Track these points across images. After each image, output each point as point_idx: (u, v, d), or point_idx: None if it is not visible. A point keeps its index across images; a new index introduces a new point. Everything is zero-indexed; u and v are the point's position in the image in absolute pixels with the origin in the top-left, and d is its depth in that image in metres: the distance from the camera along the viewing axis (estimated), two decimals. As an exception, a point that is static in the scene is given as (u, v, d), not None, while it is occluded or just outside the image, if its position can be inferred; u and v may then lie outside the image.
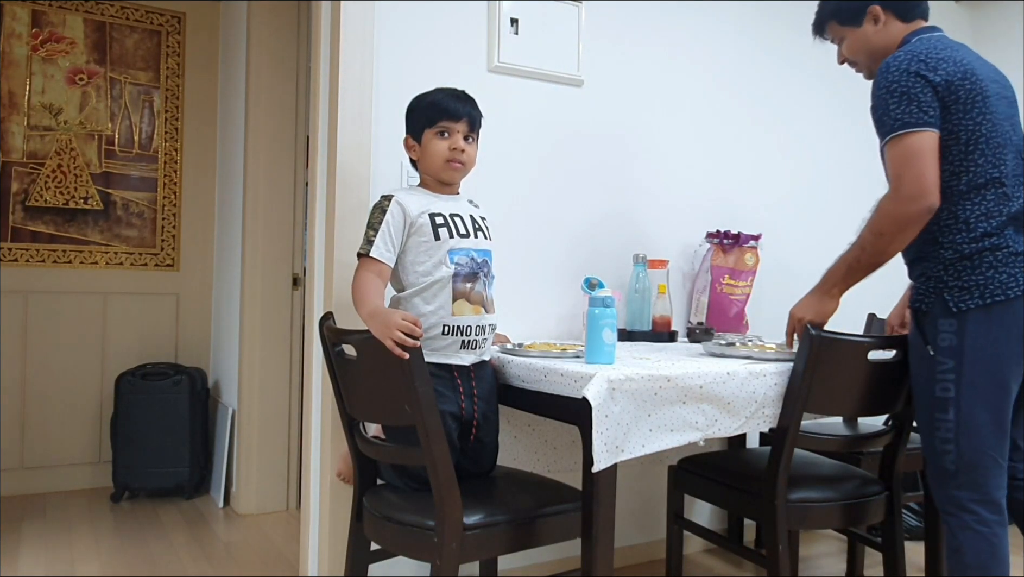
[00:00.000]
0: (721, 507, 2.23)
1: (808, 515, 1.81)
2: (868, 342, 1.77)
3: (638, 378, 1.54)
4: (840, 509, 1.83)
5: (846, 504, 1.84)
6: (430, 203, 1.73)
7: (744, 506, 1.91)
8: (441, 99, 1.75)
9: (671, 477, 2.14)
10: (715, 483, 1.98)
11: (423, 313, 1.66)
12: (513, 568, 2.23)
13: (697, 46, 2.74)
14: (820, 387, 1.71)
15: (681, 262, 2.69)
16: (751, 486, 1.84)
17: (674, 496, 2.15)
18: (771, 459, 1.75)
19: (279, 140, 3.10)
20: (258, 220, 3.07)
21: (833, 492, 1.85)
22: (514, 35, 2.33)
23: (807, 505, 1.81)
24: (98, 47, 3.48)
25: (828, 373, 1.71)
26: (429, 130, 1.74)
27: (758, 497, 1.79)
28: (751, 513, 1.91)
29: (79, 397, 3.42)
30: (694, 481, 2.07)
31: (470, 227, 1.74)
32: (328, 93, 2.14)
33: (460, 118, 1.74)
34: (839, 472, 1.98)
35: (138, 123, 3.56)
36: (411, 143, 1.79)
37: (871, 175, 3.22)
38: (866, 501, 1.87)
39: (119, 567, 2.49)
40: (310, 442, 2.23)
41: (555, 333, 2.42)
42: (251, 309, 3.07)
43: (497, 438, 1.82)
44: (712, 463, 2.06)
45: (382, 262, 1.66)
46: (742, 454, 2.20)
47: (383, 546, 1.71)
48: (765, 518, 1.77)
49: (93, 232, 3.48)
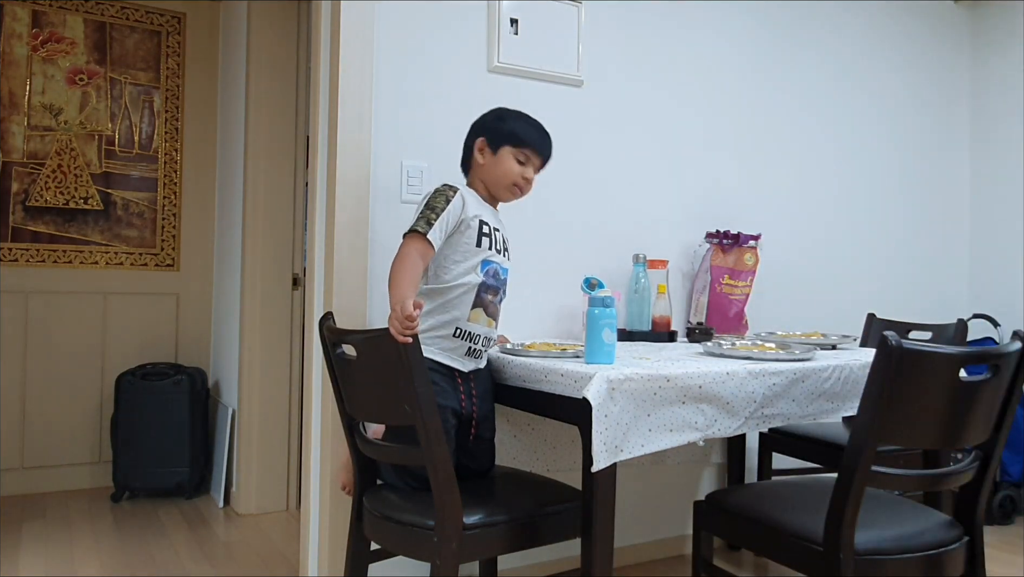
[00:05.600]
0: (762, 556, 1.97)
1: (880, 571, 1.47)
2: (960, 355, 1.43)
3: (638, 378, 1.55)
4: (919, 562, 1.49)
5: (926, 556, 1.49)
6: (482, 210, 1.78)
7: (796, 557, 1.53)
8: (535, 128, 1.83)
9: (696, 515, 1.79)
10: (755, 525, 1.63)
11: (440, 312, 1.69)
12: (513, 568, 2.23)
13: (697, 46, 2.74)
14: (900, 412, 1.41)
15: (681, 262, 2.69)
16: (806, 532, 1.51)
17: (701, 539, 1.81)
18: (834, 503, 1.44)
19: (279, 140, 3.10)
20: (258, 220, 3.08)
21: (909, 540, 1.51)
22: (514, 35, 2.33)
23: (879, 559, 1.46)
24: (98, 47, 3.48)
25: (910, 395, 1.41)
26: (511, 148, 1.80)
27: (813, 547, 1.48)
28: (805, 567, 1.51)
29: (79, 397, 3.43)
30: (727, 521, 1.72)
31: (503, 245, 1.81)
32: (328, 93, 2.15)
33: (543, 155, 1.84)
34: (911, 513, 1.65)
35: (138, 123, 3.56)
36: (484, 147, 1.82)
37: (867, 177, 3.23)
38: (948, 551, 1.53)
39: (119, 567, 2.49)
40: (310, 442, 2.23)
41: (555, 333, 2.42)
42: (251, 309, 3.07)
43: (494, 437, 1.83)
44: (749, 500, 1.71)
45: (432, 245, 1.65)
46: (785, 488, 1.82)
47: (383, 546, 1.72)
48: (826, 575, 1.45)
49: (93, 232, 3.48)
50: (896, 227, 3.31)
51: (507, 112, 1.86)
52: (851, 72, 3.18)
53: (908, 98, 3.35)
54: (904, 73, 3.33)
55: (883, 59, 3.26)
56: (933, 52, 3.43)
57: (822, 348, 2.16)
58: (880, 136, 3.26)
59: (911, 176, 3.36)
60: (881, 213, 3.26)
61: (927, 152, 3.43)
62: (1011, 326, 3.30)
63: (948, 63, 3.48)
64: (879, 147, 3.26)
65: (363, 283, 2.08)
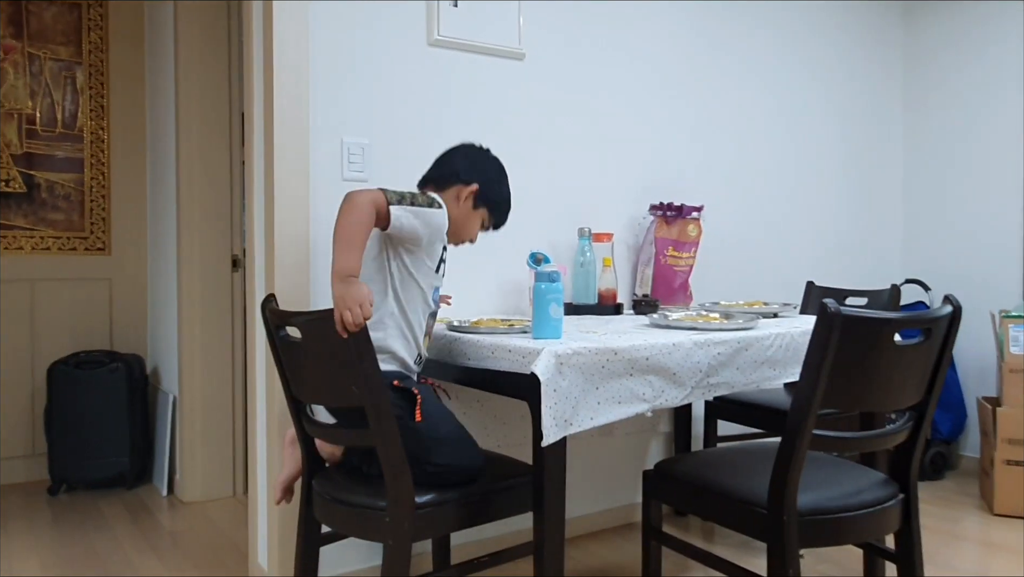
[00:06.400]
0: (709, 521, 2.01)
1: (822, 529, 1.51)
2: (896, 320, 1.47)
3: (585, 352, 1.55)
4: (858, 520, 1.53)
5: (864, 513, 1.54)
6: (445, 240, 1.76)
7: (742, 521, 1.56)
8: (508, 210, 1.90)
9: (645, 484, 1.81)
10: (702, 492, 1.65)
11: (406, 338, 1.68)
12: (466, 543, 2.24)
13: (639, 19, 2.74)
14: (840, 377, 1.43)
15: (626, 235, 2.71)
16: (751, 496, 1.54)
17: (649, 507, 1.81)
18: (777, 467, 1.47)
19: (212, 117, 2.99)
20: (193, 200, 2.97)
21: (848, 500, 1.54)
22: (454, 8, 2.29)
23: (821, 519, 1.50)
24: (13, 21, 3.30)
25: (849, 360, 1.43)
26: (486, 212, 1.85)
27: (757, 510, 1.51)
28: (751, 530, 1.55)
29: (9, 388, 3.29)
30: (674, 489, 1.75)
31: (444, 274, 1.80)
32: (263, 68, 2.07)
33: (500, 227, 1.91)
34: (849, 473, 1.69)
35: (60, 101, 3.40)
36: (471, 196, 1.80)
37: (805, 148, 3.30)
38: (885, 508, 1.57)
39: (60, 563, 2.42)
40: (255, 426, 2.19)
41: (502, 309, 2.41)
42: (189, 293, 2.98)
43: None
44: (695, 468, 1.74)
45: (390, 220, 1.58)
46: (730, 455, 1.87)
47: (334, 528, 1.70)
48: (771, 537, 1.48)
49: (16, 216, 3.32)
50: (833, 197, 3.40)
51: (505, 183, 1.88)
52: (790, 45, 3.22)
53: (844, 70, 3.42)
54: (840, 46, 3.39)
55: (821, 32, 3.31)
56: (868, 24, 3.50)
57: (764, 317, 2.21)
58: (817, 108, 3.32)
59: (847, 147, 3.45)
60: (818, 183, 3.34)
61: (862, 123, 3.51)
62: (941, 290, 3.43)
63: (883, 36, 3.56)
64: (816, 119, 3.33)
65: (305, 263, 2.04)
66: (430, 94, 2.29)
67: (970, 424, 3.36)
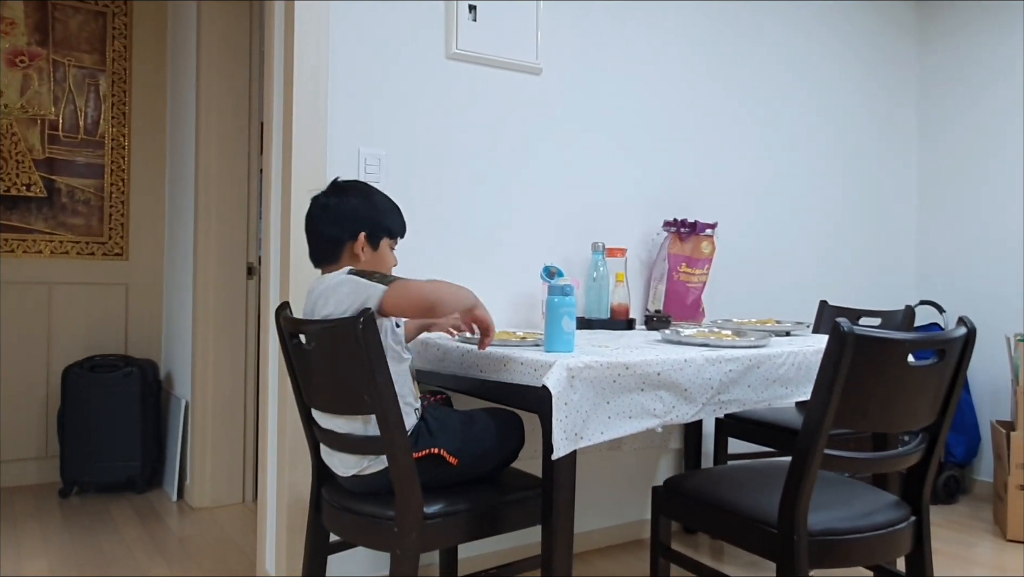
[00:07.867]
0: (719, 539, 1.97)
1: (833, 551, 1.49)
2: (910, 341, 1.46)
3: (597, 366, 1.55)
4: (869, 541, 1.52)
5: (875, 535, 1.52)
6: None
7: (752, 540, 1.55)
8: (399, 213, 1.76)
9: (654, 501, 1.80)
10: (711, 509, 1.65)
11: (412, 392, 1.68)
12: (474, 556, 2.24)
13: (655, 34, 2.75)
14: (852, 397, 1.42)
15: (639, 250, 2.71)
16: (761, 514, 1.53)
17: (658, 524, 1.81)
18: (788, 486, 1.46)
19: (232, 125, 3.03)
20: (211, 208, 3.00)
21: (859, 521, 1.54)
22: (472, 22, 2.31)
23: (832, 540, 1.49)
24: (40, 28, 3.35)
25: (862, 380, 1.42)
26: (388, 240, 1.73)
27: (767, 529, 1.50)
28: (761, 549, 1.54)
29: (24, 390, 3.32)
30: (684, 506, 1.74)
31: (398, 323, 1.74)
32: (283, 79, 2.10)
33: (403, 233, 1.78)
34: (861, 494, 1.68)
35: (83, 107, 3.45)
36: (365, 245, 1.68)
37: (819, 167, 3.30)
38: (896, 530, 1.56)
39: (69, 565, 2.43)
40: (266, 433, 2.20)
41: (514, 322, 2.42)
42: (204, 299, 3.01)
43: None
44: (705, 485, 1.73)
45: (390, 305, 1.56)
46: (740, 472, 1.84)
47: (342, 537, 1.70)
48: (781, 557, 1.47)
49: (37, 220, 3.36)
50: (847, 216, 3.39)
51: (376, 200, 1.73)
52: (804, 65, 3.23)
53: (858, 91, 3.42)
54: (855, 66, 3.39)
55: (836, 53, 3.32)
56: (882, 46, 3.50)
57: (776, 335, 2.20)
58: (832, 127, 3.32)
59: (862, 166, 3.44)
60: (832, 202, 3.33)
61: (877, 143, 3.51)
62: (956, 312, 3.41)
63: (897, 56, 3.56)
64: (831, 139, 3.32)
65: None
66: (447, 107, 2.31)
67: (984, 448, 3.32)
